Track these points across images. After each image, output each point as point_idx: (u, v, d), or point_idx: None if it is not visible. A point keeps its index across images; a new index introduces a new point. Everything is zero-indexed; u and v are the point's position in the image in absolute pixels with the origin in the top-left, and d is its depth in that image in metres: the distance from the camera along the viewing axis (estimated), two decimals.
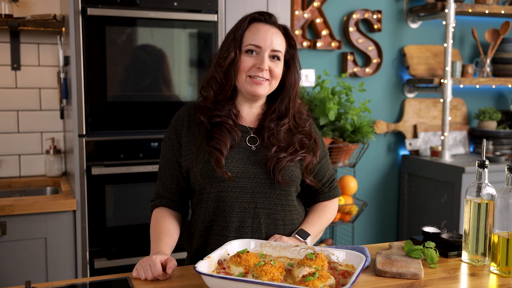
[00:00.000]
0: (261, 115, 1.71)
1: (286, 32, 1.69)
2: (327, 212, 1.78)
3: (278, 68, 1.65)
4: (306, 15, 3.33)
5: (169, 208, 1.70)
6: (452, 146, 3.71)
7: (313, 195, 1.78)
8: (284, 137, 1.66)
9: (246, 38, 1.64)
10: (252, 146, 1.67)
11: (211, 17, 2.59)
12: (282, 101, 1.69)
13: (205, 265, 1.35)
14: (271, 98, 1.73)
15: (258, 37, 1.63)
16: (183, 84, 2.63)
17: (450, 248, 1.64)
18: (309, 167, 1.70)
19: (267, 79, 1.63)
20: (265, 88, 1.64)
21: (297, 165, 1.67)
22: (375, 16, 3.49)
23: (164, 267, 1.43)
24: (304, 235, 1.66)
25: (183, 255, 1.92)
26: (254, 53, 1.63)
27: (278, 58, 1.65)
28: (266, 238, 1.63)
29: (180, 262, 2.49)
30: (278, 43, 1.64)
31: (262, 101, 1.72)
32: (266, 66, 1.62)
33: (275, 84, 1.67)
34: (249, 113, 1.71)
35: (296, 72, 1.70)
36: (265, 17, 1.66)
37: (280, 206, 1.65)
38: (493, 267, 1.51)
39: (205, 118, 1.65)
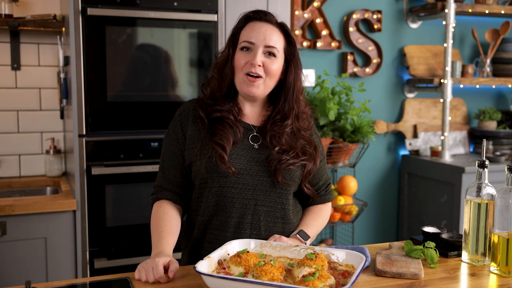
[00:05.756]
0: (265, 116, 1.70)
1: (283, 29, 1.67)
2: (322, 215, 1.80)
3: (274, 65, 1.63)
4: (306, 15, 3.33)
5: (171, 201, 1.68)
6: (452, 146, 3.71)
7: (308, 197, 1.78)
8: (286, 140, 1.65)
9: (241, 36, 1.65)
10: (255, 144, 1.66)
11: (211, 17, 2.59)
12: (286, 101, 1.67)
13: (205, 265, 1.35)
14: (274, 98, 1.71)
15: (251, 34, 1.63)
16: (183, 84, 2.63)
17: (450, 248, 1.64)
18: (308, 173, 1.70)
19: (260, 77, 1.61)
20: (259, 87, 1.62)
21: (299, 168, 1.68)
22: (375, 16, 3.49)
23: (166, 270, 1.42)
24: (305, 236, 1.67)
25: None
26: (248, 50, 1.63)
27: (274, 55, 1.63)
28: (265, 236, 1.63)
29: (177, 261, 2.49)
30: (274, 39, 1.62)
31: (262, 101, 1.71)
32: (259, 61, 1.60)
33: (270, 82, 1.64)
34: (252, 111, 1.71)
35: (296, 70, 1.68)
36: (260, 15, 1.66)
37: (280, 205, 1.66)
38: (493, 267, 1.51)
39: (204, 113, 1.65)
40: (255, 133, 1.68)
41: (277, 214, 1.65)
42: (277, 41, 1.64)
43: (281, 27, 1.67)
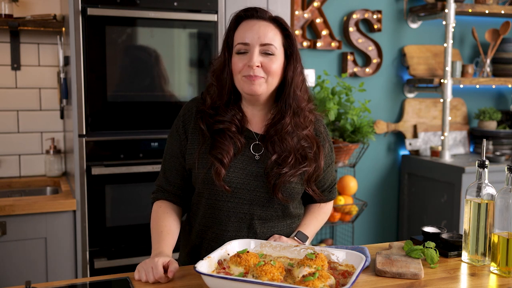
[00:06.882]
0: (269, 120, 1.62)
1: (278, 23, 1.57)
2: (323, 214, 1.78)
3: (274, 63, 1.54)
4: (306, 15, 3.33)
5: (171, 202, 1.67)
6: (452, 146, 3.71)
7: (311, 195, 1.75)
8: (289, 143, 1.58)
9: (235, 38, 1.57)
10: (256, 154, 1.61)
11: (211, 17, 2.59)
12: (284, 98, 1.59)
13: (205, 265, 1.35)
14: (279, 98, 1.63)
15: (245, 34, 1.53)
16: (183, 84, 2.63)
17: (450, 248, 1.64)
18: (311, 178, 1.64)
19: (261, 77, 1.53)
20: (261, 85, 1.54)
21: (299, 181, 1.62)
22: (375, 16, 3.49)
23: (165, 270, 1.42)
24: (303, 238, 1.66)
25: None
26: (244, 52, 1.55)
27: (272, 53, 1.54)
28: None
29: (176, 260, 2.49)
30: (269, 36, 1.53)
31: (266, 102, 1.62)
32: (256, 62, 1.52)
33: (272, 80, 1.55)
34: (256, 116, 1.64)
35: (295, 65, 1.58)
36: (251, 13, 1.56)
37: (276, 218, 1.63)
38: (493, 267, 1.51)
39: (205, 125, 1.59)
40: (257, 142, 1.62)
41: (273, 225, 1.64)
42: (273, 37, 1.54)
43: (276, 21, 1.57)
